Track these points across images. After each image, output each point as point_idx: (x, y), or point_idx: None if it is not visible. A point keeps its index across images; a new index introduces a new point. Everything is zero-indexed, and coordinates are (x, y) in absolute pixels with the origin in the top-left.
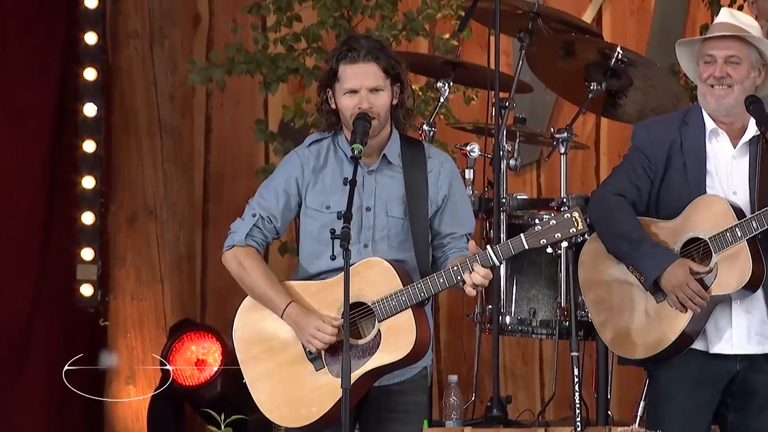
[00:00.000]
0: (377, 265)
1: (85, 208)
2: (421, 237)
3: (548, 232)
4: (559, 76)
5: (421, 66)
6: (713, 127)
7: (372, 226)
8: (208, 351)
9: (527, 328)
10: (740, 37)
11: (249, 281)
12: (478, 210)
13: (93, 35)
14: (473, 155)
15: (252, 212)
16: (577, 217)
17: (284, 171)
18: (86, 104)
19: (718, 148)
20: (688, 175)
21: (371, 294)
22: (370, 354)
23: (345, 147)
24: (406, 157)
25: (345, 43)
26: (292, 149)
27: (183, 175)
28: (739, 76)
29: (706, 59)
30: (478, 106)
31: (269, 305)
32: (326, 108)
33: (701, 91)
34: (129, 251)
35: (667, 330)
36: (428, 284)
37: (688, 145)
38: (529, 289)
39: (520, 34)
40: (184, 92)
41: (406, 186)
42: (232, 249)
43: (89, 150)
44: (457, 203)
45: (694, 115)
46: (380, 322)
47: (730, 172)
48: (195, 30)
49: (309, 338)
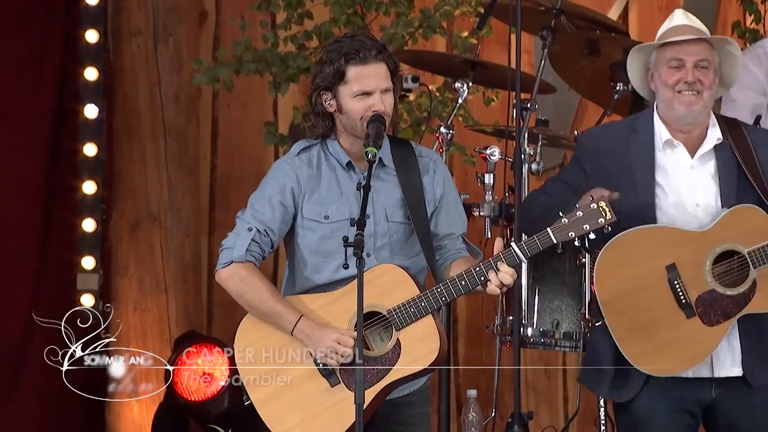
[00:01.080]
0: (390, 272)
1: (85, 215)
2: (427, 238)
3: (576, 224)
4: (583, 75)
5: (438, 65)
6: (668, 138)
7: (373, 233)
8: (215, 364)
9: (550, 340)
10: (706, 41)
11: (253, 297)
12: (498, 216)
13: (94, 33)
14: (493, 159)
15: (247, 226)
16: (604, 207)
17: (276, 181)
18: (87, 106)
19: (673, 159)
20: (636, 189)
21: (386, 302)
22: (389, 366)
23: (338, 153)
24: (398, 158)
25: (341, 41)
26: None
27: (188, 179)
28: (708, 82)
29: (672, 63)
30: (498, 107)
31: (277, 321)
32: (322, 112)
33: (665, 97)
34: (132, 260)
35: (707, 343)
36: (449, 288)
37: (635, 155)
38: (552, 300)
39: (542, 32)
40: (189, 93)
41: (403, 188)
42: (230, 266)
43: (90, 154)
44: (451, 202)
45: (644, 124)
46: (398, 330)
47: (688, 183)
48: (201, 27)
49: (328, 352)
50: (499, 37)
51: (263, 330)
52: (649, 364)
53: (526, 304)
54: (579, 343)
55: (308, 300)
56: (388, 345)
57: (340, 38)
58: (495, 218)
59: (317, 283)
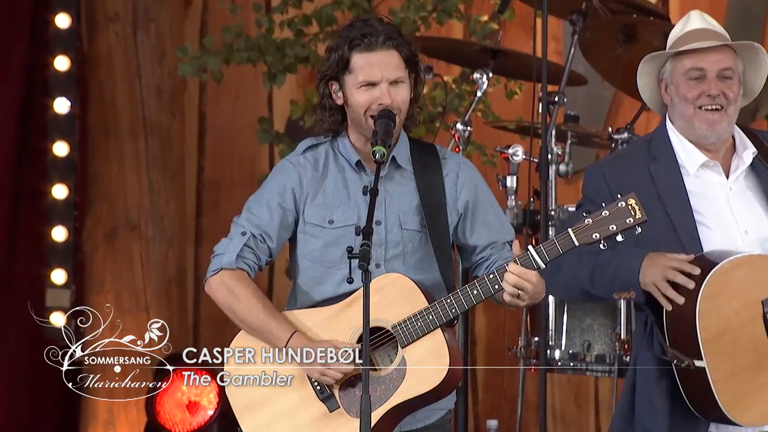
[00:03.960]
0: (396, 282)
1: (56, 222)
2: (444, 250)
3: (601, 224)
4: (618, 65)
5: (454, 54)
6: (704, 160)
7: (384, 242)
8: (202, 392)
9: (580, 363)
10: (729, 47)
11: (242, 311)
12: (522, 224)
13: (65, 17)
14: (516, 159)
15: (241, 230)
16: (634, 205)
17: (277, 182)
18: (57, 99)
19: (706, 182)
20: (675, 226)
21: (390, 316)
22: (394, 386)
23: (348, 152)
24: (417, 160)
25: (352, 26)
26: None
27: (172, 183)
28: (733, 95)
29: (692, 74)
30: (521, 101)
31: (269, 338)
32: (330, 105)
33: (684, 114)
34: (108, 273)
35: None
36: (460, 298)
37: (664, 187)
38: (583, 318)
39: (572, 16)
40: (173, 85)
41: (420, 193)
42: (218, 274)
43: (61, 153)
44: (487, 209)
45: (662, 149)
46: (404, 347)
47: (731, 208)
48: (186, 11)
49: (322, 370)
50: (523, 21)
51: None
52: (743, 414)
53: (553, 323)
54: (613, 367)
55: (305, 315)
56: (393, 363)
57: (352, 22)
58: (518, 226)
59: (319, 298)
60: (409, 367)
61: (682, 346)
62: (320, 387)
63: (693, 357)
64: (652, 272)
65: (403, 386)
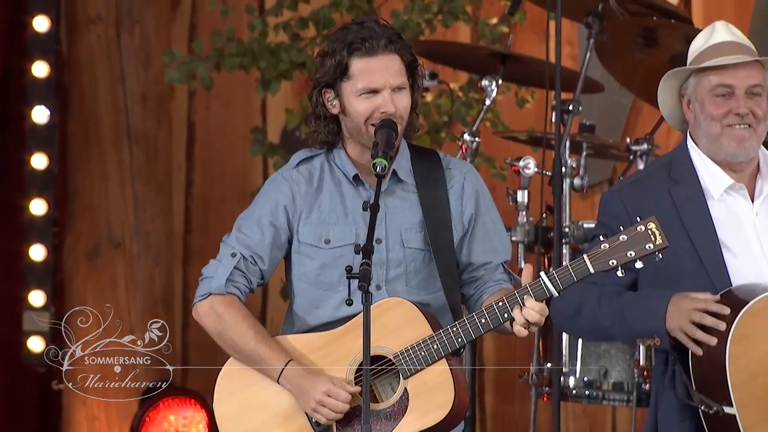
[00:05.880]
0: (397, 307)
1: (34, 240)
2: (449, 269)
3: (618, 249)
4: (637, 71)
5: (461, 59)
6: (730, 183)
7: (385, 261)
8: (191, 421)
9: (596, 392)
10: (759, 62)
11: (233, 338)
12: (534, 242)
13: (44, 20)
14: (528, 173)
15: (230, 251)
16: (654, 229)
17: (269, 199)
18: (35, 108)
19: (730, 207)
20: (700, 254)
21: (392, 344)
22: (395, 420)
23: (345, 165)
24: (419, 171)
25: (347, 29)
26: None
27: (158, 197)
28: (762, 113)
29: (719, 91)
30: (533, 110)
31: (261, 366)
32: (325, 114)
33: (710, 132)
34: (90, 294)
35: None
36: (466, 327)
37: (687, 212)
38: (599, 343)
39: (587, 19)
40: (159, 92)
41: (423, 208)
42: (207, 299)
43: (39, 166)
44: (488, 224)
45: (684, 171)
46: (406, 378)
47: (758, 235)
48: (174, 13)
49: (317, 407)
50: (535, 24)
51: (249, 378)
52: None
53: (567, 349)
54: (632, 395)
55: (301, 341)
56: (394, 396)
57: (347, 25)
58: (530, 244)
59: (317, 322)
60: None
61: (711, 391)
62: (316, 422)
63: (722, 403)
64: (677, 317)
65: (405, 420)
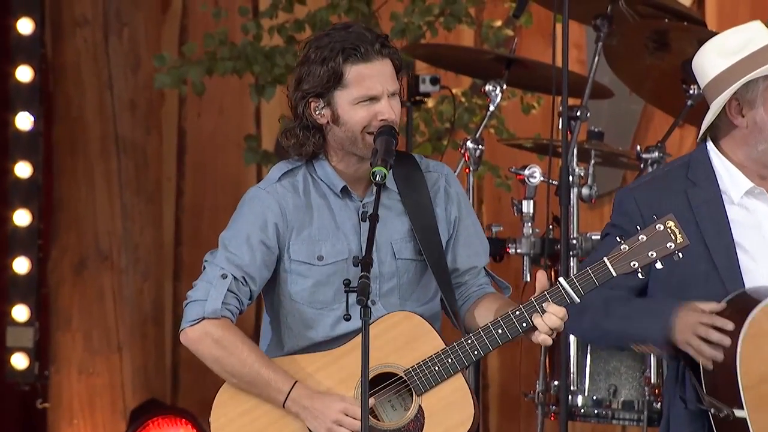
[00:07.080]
0: (406, 321)
1: (17, 253)
2: (445, 275)
3: (639, 251)
4: (648, 76)
5: (464, 63)
6: (750, 186)
7: (378, 275)
8: None
9: (606, 411)
10: None
11: (233, 363)
12: (540, 255)
13: (28, 23)
14: (533, 182)
15: (221, 272)
16: (673, 227)
17: (256, 215)
18: (18, 114)
19: (750, 211)
20: (714, 258)
21: (403, 360)
22: None
23: (330, 177)
24: (400, 177)
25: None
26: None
27: (148, 208)
28: None
29: None
30: (540, 116)
31: (265, 391)
32: (311, 124)
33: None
34: (76, 309)
35: None
36: (483, 339)
37: (704, 215)
38: (608, 360)
39: (596, 21)
40: (149, 98)
41: (409, 216)
42: (200, 323)
43: (23, 175)
44: (470, 228)
45: (703, 173)
46: (420, 395)
47: None
48: (164, 15)
49: (333, 427)
50: (542, 27)
51: (247, 402)
52: None
53: (575, 366)
54: (642, 414)
55: (303, 361)
56: (408, 414)
57: (328, 31)
58: (535, 257)
59: (309, 343)
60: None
61: (721, 394)
62: None
63: (733, 406)
64: (683, 330)
65: None
